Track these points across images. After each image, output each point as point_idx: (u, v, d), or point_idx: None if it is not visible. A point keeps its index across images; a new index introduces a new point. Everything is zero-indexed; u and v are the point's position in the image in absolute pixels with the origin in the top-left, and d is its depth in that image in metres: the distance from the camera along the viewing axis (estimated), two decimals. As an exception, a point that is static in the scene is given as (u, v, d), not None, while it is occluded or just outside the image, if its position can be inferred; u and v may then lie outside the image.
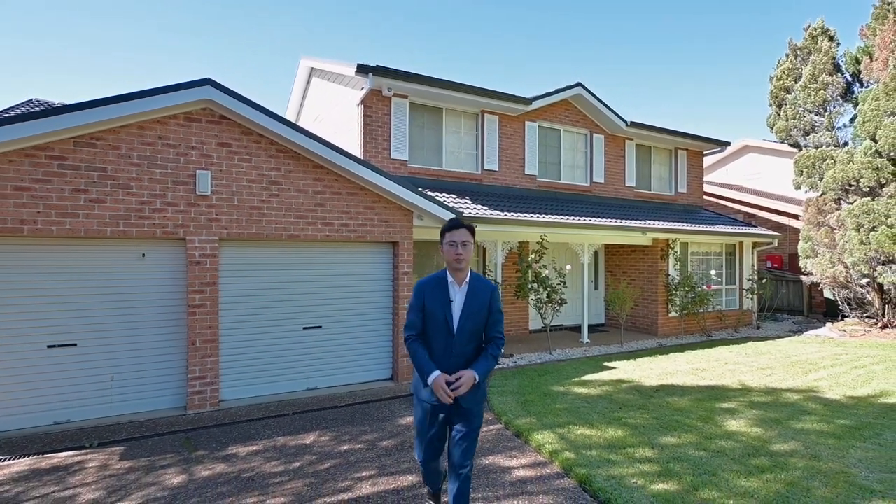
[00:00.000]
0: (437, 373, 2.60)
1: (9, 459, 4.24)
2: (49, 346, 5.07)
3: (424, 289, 2.80)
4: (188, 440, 4.67)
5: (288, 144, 6.08)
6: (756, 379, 6.74)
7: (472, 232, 2.83)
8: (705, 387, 6.33)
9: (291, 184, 6.16)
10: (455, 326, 2.71)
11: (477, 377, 2.60)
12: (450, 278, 2.79)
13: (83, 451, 4.42)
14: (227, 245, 5.87)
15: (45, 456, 4.31)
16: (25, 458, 4.27)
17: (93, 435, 4.81)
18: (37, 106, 9.35)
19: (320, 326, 6.45)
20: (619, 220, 9.92)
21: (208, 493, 3.49)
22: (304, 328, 6.35)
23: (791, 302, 14.28)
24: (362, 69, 8.48)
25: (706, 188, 18.31)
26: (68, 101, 9.96)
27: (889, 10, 10.56)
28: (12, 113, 8.35)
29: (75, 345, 5.18)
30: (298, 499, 3.35)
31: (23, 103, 9.36)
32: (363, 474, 3.75)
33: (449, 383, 2.58)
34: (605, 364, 7.81)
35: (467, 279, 2.79)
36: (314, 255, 6.44)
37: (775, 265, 15.24)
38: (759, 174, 20.20)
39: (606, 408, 5.30)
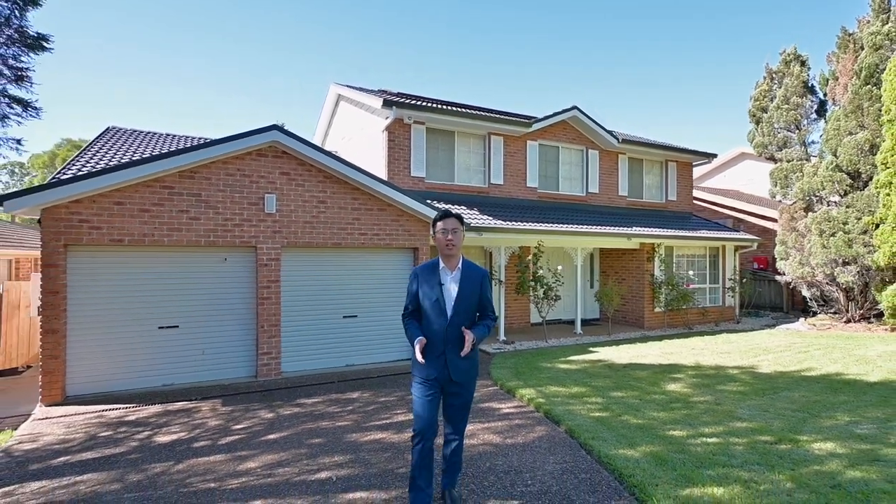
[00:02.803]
0: (419, 337, 2.92)
1: (143, 406, 5.96)
2: (160, 328, 6.81)
3: (418, 275, 3.08)
4: (266, 396, 6.37)
5: (332, 172, 7.76)
6: (711, 360, 8.24)
7: (461, 221, 3.06)
8: (666, 364, 7.86)
9: (335, 202, 7.85)
10: (449, 308, 2.95)
11: (474, 338, 2.87)
12: (441, 265, 3.03)
13: (192, 402, 6.12)
14: (287, 251, 7.57)
15: (168, 404, 6.02)
16: (154, 406, 5.98)
17: (193, 393, 6.52)
18: (115, 134, 11.16)
19: (356, 315, 8.10)
20: (606, 227, 11.44)
21: (294, 421, 5.17)
22: (344, 317, 8.01)
23: (773, 300, 15.61)
24: (388, 103, 10.16)
25: (703, 195, 19.66)
26: (140, 128, 11.79)
27: (850, 41, 11.91)
28: (100, 144, 10.14)
29: (177, 326, 6.92)
30: (357, 422, 5.01)
31: (103, 133, 11.16)
32: (397, 412, 5.40)
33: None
34: (590, 349, 9.36)
35: (459, 265, 3.04)
36: (352, 259, 8.11)
37: (761, 266, 16.55)
38: (753, 180, 21.45)
39: (579, 376, 6.89)
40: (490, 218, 10.23)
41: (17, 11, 4.43)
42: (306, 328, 7.72)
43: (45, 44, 5.11)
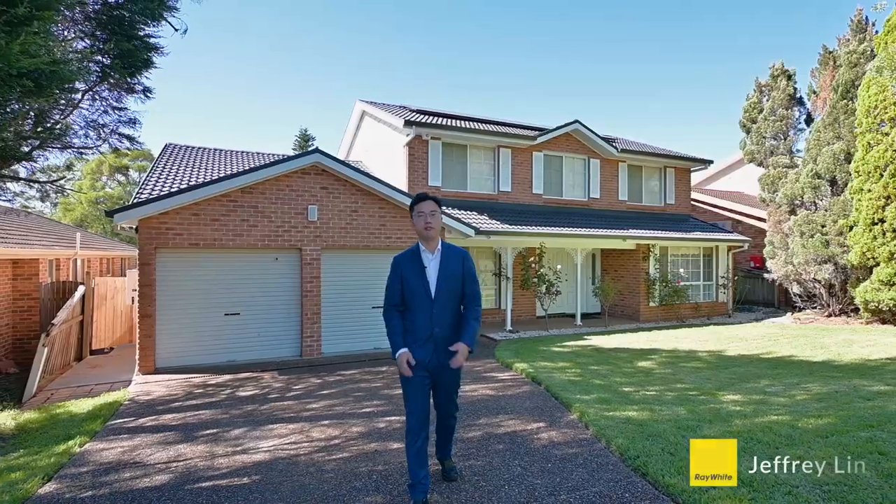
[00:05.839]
0: (402, 350, 2.92)
1: (217, 375, 7.54)
2: (225, 314, 8.42)
3: (400, 262, 3.09)
4: (312, 369, 7.92)
5: (363, 186, 9.28)
6: (688, 346, 9.52)
7: (439, 203, 3.04)
8: (647, 349, 9.18)
9: (365, 211, 9.37)
10: (433, 290, 2.96)
11: (470, 348, 2.91)
12: (422, 248, 3.04)
13: (254, 373, 7.69)
14: (326, 252, 9.13)
15: (236, 374, 7.58)
16: (225, 375, 7.56)
17: (253, 367, 8.10)
18: (174, 151, 12.88)
19: (382, 306, 9.60)
20: (603, 230, 12.75)
21: (339, 384, 6.69)
22: (373, 307, 9.50)
23: (766, 296, 16.69)
24: (408, 123, 11.68)
25: (706, 198, 20.70)
26: (193, 143, 13.53)
27: (830, 58, 12.98)
28: (162, 164, 11.80)
29: (239, 313, 8.52)
30: (387, 384, 6.52)
31: (163, 151, 12.89)
32: (418, 379, 6.89)
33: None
34: (585, 337, 10.72)
35: (439, 247, 3.05)
36: (379, 258, 9.61)
37: (757, 265, 17.60)
38: (755, 183, 22.36)
39: (568, 356, 8.28)
40: (498, 222, 11.66)
41: (134, 75, 5.98)
42: (341, 316, 9.26)
43: (148, 94, 6.69)
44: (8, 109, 3.16)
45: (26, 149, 4.90)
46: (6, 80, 2.56)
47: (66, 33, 4.56)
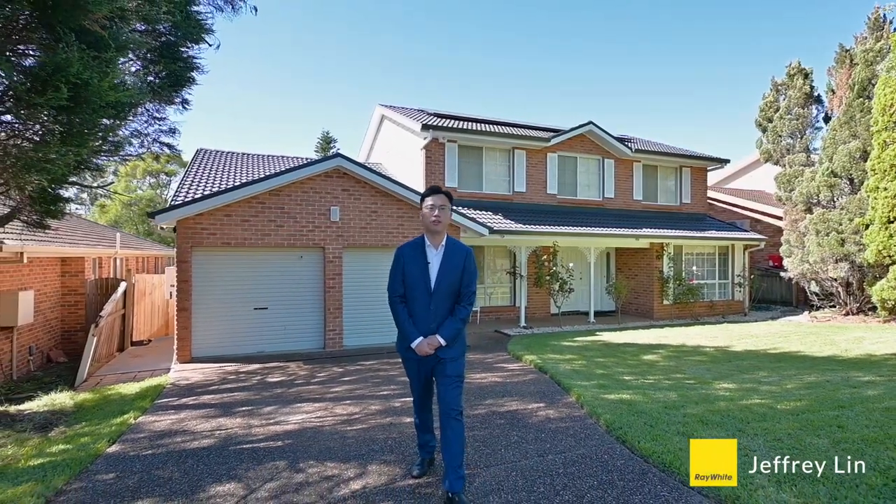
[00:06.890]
0: (418, 339, 2.96)
1: (247, 364, 8.14)
2: (254, 309, 9.04)
3: (403, 254, 3.11)
4: (334, 360, 8.47)
5: (382, 188, 9.81)
6: (696, 341, 9.76)
7: (450, 198, 3.07)
8: (655, 344, 9.46)
9: (384, 212, 9.90)
10: (432, 285, 2.98)
11: (442, 342, 2.93)
12: (427, 242, 3.05)
13: (281, 363, 8.26)
14: (347, 251, 9.68)
15: (264, 364, 8.17)
16: (255, 364, 8.15)
17: (280, 357, 8.69)
18: (205, 155, 13.65)
19: (400, 302, 10.11)
20: (615, 229, 13.02)
21: (359, 373, 7.20)
22: (391, 303, 10.03)
23: (783, 295, 16.66)
24: (426, 127, 12.18)
25: (725, 196, 20.67)
26: (219, 146, 14.30)
27: (846, 57, 12.99)
28: (195, 168, 12.56)
29: (266, 308, 9.13)
30: (402, 372, 6.97)
31: (196, 155, 13.67)
32: (432, 368, 7.37)
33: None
34: (596, 333, 11.04)
35: (443, 243, 3.06)
36: (397, 257, 10.13)
37: (776, 264, 17.52)
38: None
39: (577, 350, 8.64)
40: (512, 222, 12.05)
41: (178, 91, 6.61)
42: (362, 311, 9.79)
43: (186, 105, 7.33)
44: (94, 131, 3.77)
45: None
46: (96, 110, 3.16)
47: (121, 58, 5.18)
